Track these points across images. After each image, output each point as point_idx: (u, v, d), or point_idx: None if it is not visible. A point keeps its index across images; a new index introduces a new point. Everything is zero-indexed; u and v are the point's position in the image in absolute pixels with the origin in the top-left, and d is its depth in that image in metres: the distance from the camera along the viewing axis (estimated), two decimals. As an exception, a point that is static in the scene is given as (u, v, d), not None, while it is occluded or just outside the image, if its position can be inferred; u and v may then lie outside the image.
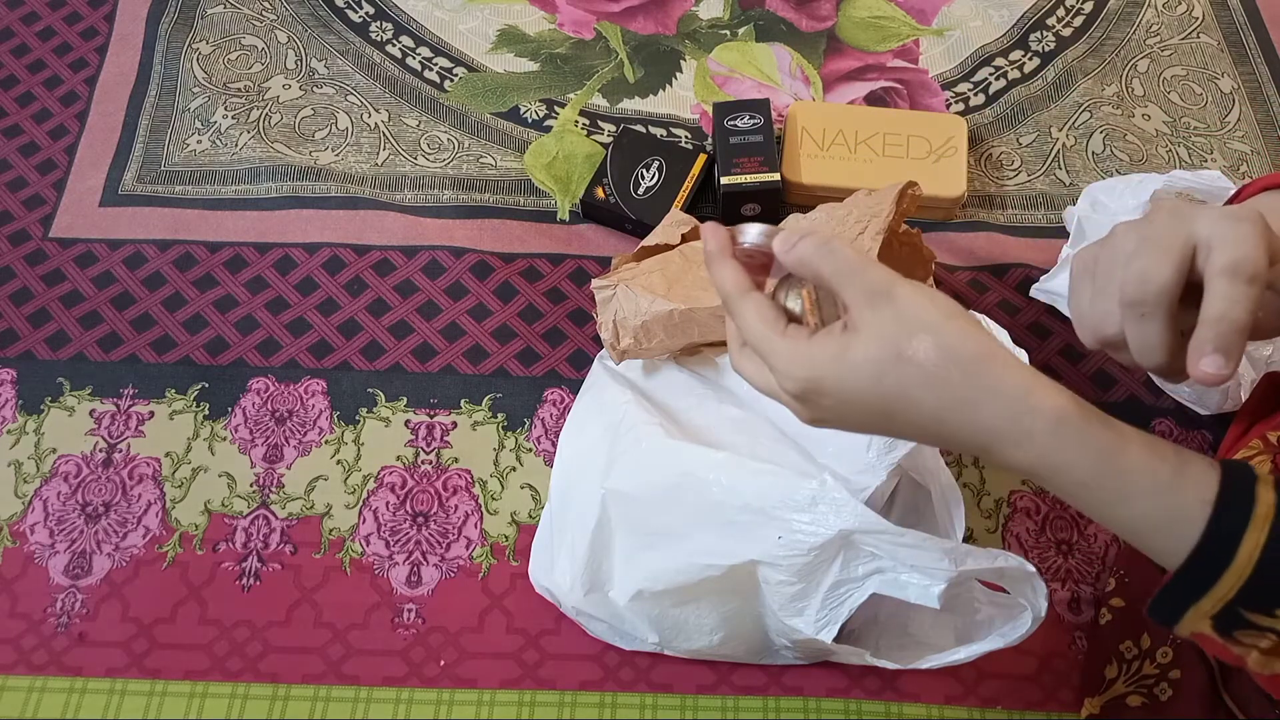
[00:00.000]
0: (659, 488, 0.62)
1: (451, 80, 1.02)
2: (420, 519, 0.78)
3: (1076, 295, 0.48)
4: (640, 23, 1.06)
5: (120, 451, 0.81)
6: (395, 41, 1.05)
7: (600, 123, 0.99)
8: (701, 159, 0.91)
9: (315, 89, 1.01)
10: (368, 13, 1.07)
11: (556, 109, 1.00)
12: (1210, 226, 0.41)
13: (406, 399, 0.83)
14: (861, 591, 0.58)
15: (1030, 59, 1.04)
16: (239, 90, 1.01)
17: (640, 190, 0.89)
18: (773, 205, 0.90)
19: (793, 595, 0.59)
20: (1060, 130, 0.98)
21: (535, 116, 1.00)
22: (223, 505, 0.79)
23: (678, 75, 1.03)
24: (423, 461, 0.80)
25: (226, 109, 0.99)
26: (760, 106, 0.91)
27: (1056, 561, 0.76)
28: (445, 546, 0.77)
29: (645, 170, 0.90)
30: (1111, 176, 0.94)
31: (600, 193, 0.90)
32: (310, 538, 0.77)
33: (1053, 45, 1.05)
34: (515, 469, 0.80)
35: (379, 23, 1.06)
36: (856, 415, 0.44)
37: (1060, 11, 1.07)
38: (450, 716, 0.70)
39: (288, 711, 0.71)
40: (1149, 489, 0.40)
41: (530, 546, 0.75)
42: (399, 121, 0.99)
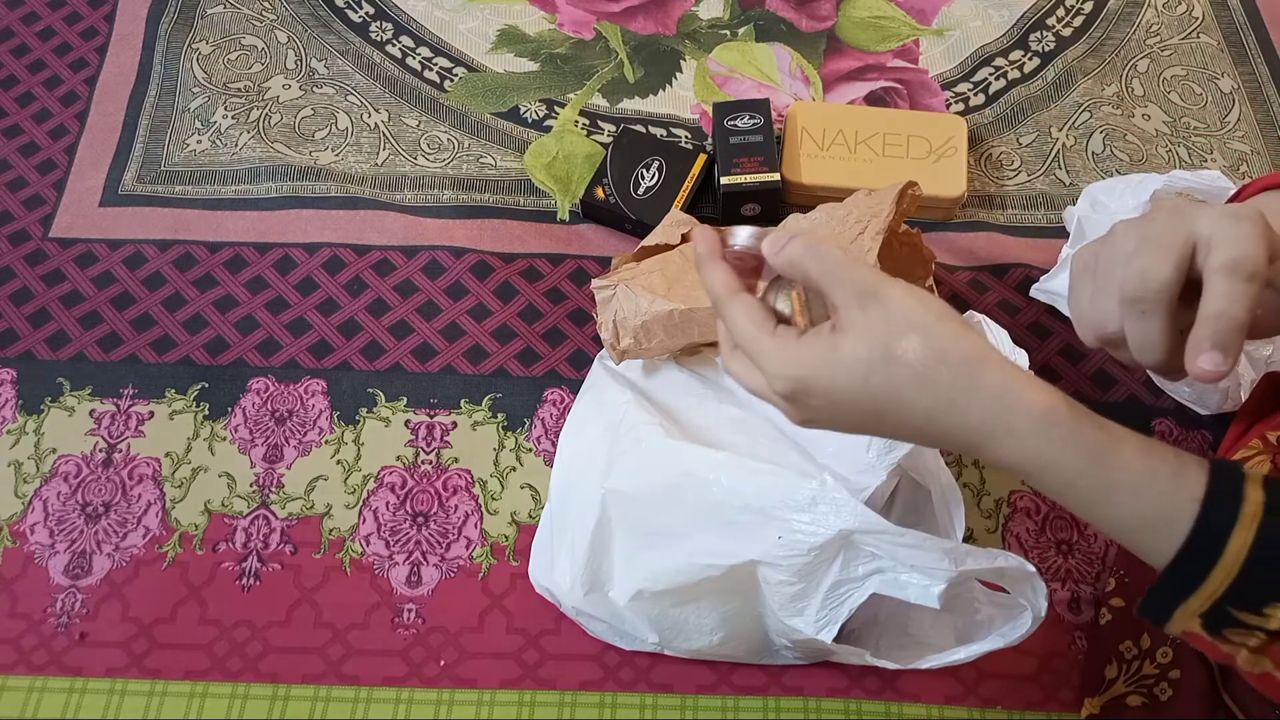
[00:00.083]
0: (659, 488, 0.62)
1: (451, 80, 1.02)
2: (420, 519, 0.78)
3: (1076, 293, 0.48)
4: (640, 23, 1.06)
5: (120, 451, 0.81)
6: (395, 41, 1.05)
7: (600, 123, 0.99)
8: (701, 159, 0.91)
9: (315, 89, 1.01)
10: (368, 13, 1.07)
11: (556, 109, 1.00)
12: (1210, 225, 0.42)
13: (406, 399, 0.83)
14: (861, 591, 0.58)
15: (1030, 59, 1.04)
16: (239, 90, 1.01)
17: (640, 190, 0.89)
18: (773, 205, 0.89)
19: (793, 595, 0.59)
20: (1060, 130, 0.98)
21: (535, 116, 1.00)
22: (223, 505, 0.78)
23: (678, 75, 1.03)
24: (423, 461, 0.80)
25: (226, 109, 0.99)
26: (760, 106, 0.91)
27: (1056, 561, 0.76)
28: (445, 546, 0.77)
29: (645, 170, 0.90)
30: (1111, 176, 0.94)
31: (600, 193, 0.90)
32: (310, 538, 0.77)
33: (1053, 45, 1.05)
34: (515, 469, 0.80)
35: (379, 23, 1.06)
36: (846, 415, 0.44)
37: (1060, 11, 1.07)
38: (450, 717, 0.70)
39: (288, 711, 0.71)
40: (1139, 488, 0.40)
41: (530, 546, 0.75)
42: (399, 121, 0.99)
